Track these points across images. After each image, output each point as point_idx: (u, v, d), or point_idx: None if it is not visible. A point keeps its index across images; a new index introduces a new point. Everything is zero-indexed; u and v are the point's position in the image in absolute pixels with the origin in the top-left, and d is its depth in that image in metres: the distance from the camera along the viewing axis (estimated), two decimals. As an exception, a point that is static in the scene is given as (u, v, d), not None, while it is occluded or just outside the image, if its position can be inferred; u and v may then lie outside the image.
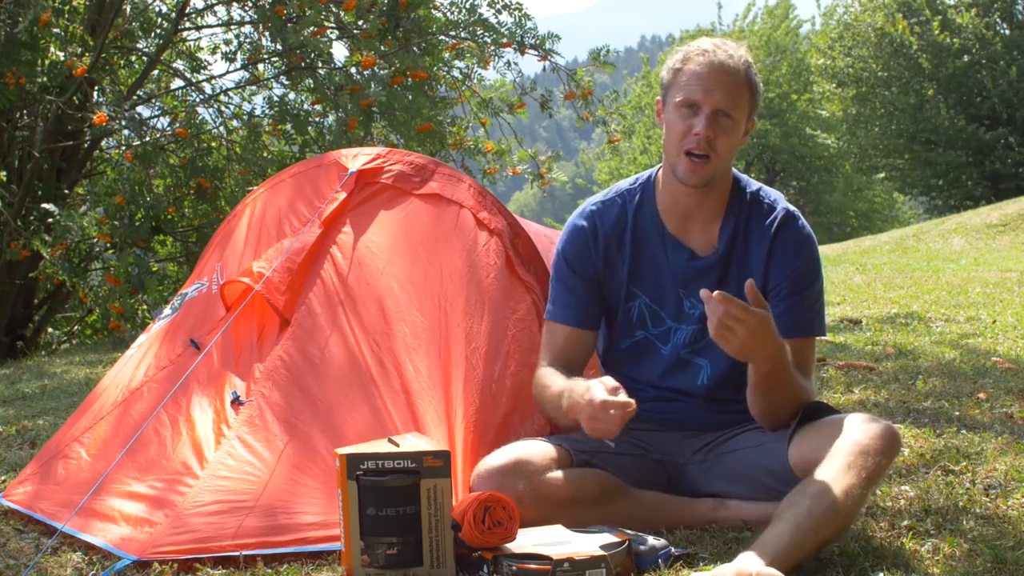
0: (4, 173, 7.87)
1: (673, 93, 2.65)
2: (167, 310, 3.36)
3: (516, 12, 7.98)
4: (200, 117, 8.78)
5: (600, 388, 2.43)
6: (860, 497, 2.32)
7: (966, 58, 22.20)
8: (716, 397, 2.74)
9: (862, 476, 2.32)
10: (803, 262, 2.69)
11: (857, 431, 2.40)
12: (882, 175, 26.16)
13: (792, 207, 2.74)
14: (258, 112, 8.81)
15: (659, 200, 2.75)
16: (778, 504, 2.33)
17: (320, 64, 8.07)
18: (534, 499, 2.50)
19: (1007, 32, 22.86)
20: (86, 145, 8.90)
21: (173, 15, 8.72)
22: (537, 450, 2.60)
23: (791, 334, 2.62)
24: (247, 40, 8.79)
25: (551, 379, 2.68)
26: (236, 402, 2.80)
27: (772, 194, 2.76)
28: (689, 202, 2.70)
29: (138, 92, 8.93)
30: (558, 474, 2.57)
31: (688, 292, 2.71)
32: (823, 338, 5.21)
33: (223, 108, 9.18)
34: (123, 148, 7.55)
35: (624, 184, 2.83)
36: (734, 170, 2.75)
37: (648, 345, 2.77)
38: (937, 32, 22.30)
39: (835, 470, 2.32)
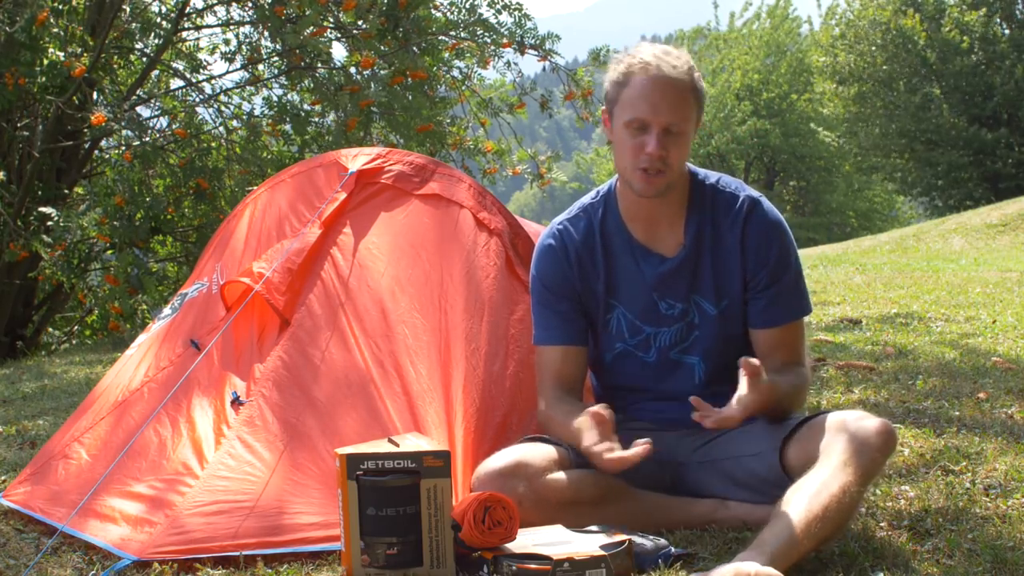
0: (4, 173, 7.87)
1: (620, 110, 2.61)
2: (167, 310, 3.36)
3: (516, 12, 7.98)
4: (199, 117, 8.78)
5: (591, 437, 2.45)
6: (857, 494, 2.32)
7: (973, 57, 22.22)
8: (715, 392, 2.73)
9: (859, 473, 2.32)
10: (777, 249, 2.68)
11: (852, 428, 2.39)
12: (882, 176, 26.16)
13: (755, 192, 2.72)
14: (257, 112, 8.82)
15: (622, 209, 2.74)
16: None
17: (320, 64, 8.08)
18: (534, 501, 2.50)
19: (1007, 32, 22.89)
20: (86, 145, 8.90)
21: (173, 15, 8.73)
22: (537, 452, 2.59)
23: (780, 322, 2.67)
24: (246, 40, 8.79)
25: (559, 431, 2.66)
26: (236, 402, 2.80)
27: (732, 183, 2.74)
28: (650, 207, 2.69)
29: (138, 92, 8.93)
30: (558, 476, 2.57)
31: (662, 295, 2.71)
32: (823, 338, 5.23)
33: (223, 108, 9.19)
34: (123, 148, 7.54)
35: (586, 199, 2.82)
36: (689, 165, 2.74)
37: (629, 356, 2.76)
38: (947, 29, 22.30)
39: (831, 468, 2.32)
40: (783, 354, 2.69)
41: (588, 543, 2.31)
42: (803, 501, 2.26)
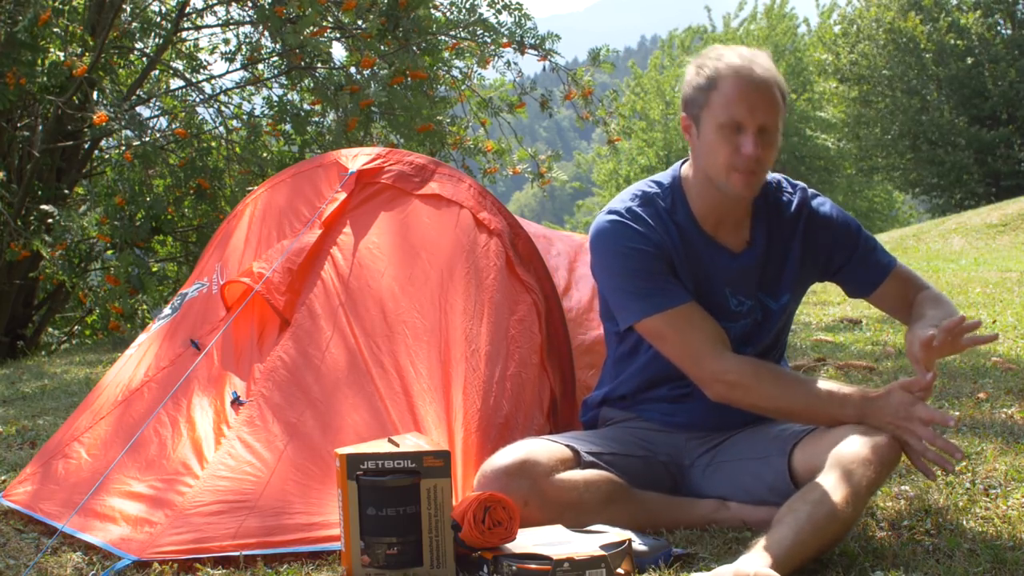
0: (4, 173, 7.87)
1: (710, 114, 2.59)
2: (167, 310, 3.36)
3: (516, 12, 7.99)
4: (200, 117, 8.79)
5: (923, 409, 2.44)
6: (859, 504, 2.32)
7: (970, 60, 22.24)
8: None
9: (862, 484, 2.32)
10: (834, 222, 2.75)
11: (858, 440, 2.40)
12: (882, 176, 26.16)
13: (799, 184, 2.81)
14: (257, 112, 8.82)
15: (692, 204, 2.70)
16: (779, 509, 2.33)
17: (320, 64, 8.08)
18: (540, 501, 2.49)
19: (1008, 32, 22.91)
20: (86, 145, 8.90)
21: (173, 15, 8.73)
22: (544, 450, 2.58)
23: (883, 277, 2.74)
24: (246, 40, 8.80)
25: (781, 371, 2.63)
26: (236, 402, 2.80)
27: (783, 180, 2.81)
28: (724, 206, 2.68)
29: (137, 92, 8.94)
30: (564, 476, 2.55)
31: (735, 290, 2.70)
32: (823, 338, 5.23)
33: (223, 108, 9.19)
34: (123, 148, 7.55)
35: (645, 188, 2.75)
36: None
37: None
38: (944, 32, 22.33)
39: (835, 477, 2.32)
40: (908, 292, 2.75)
41: (588, 543, 2.31)
42: (807, 508, 2.26)
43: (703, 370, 2.60)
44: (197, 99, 9.13)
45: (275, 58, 8.60)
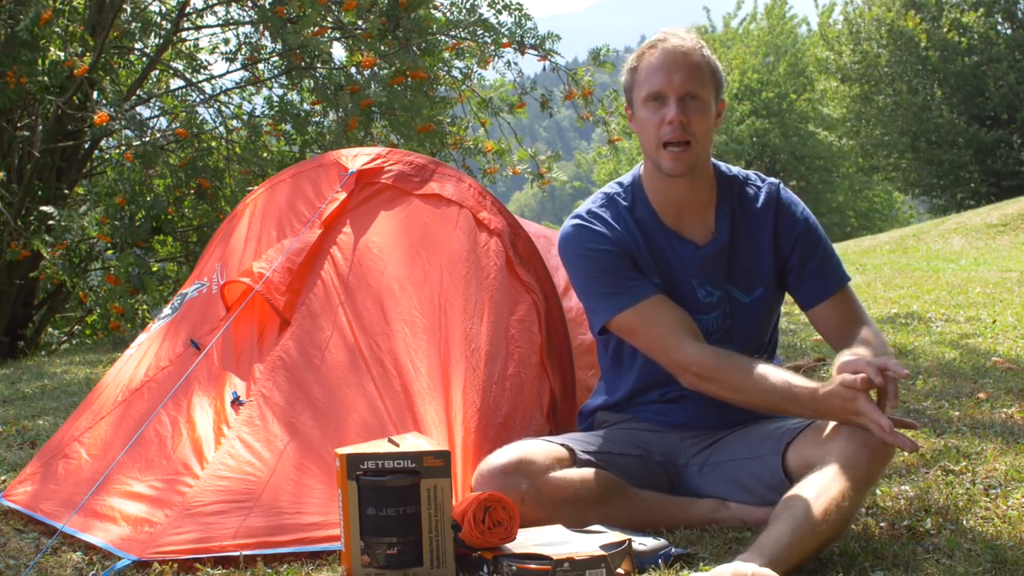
0: (4, 173, 7.87)
1: (637, 91, 2.66)
2: (167, 310, 3.36)
3: (516, 12, 7.99)
4: (200, 117, 8.78)
5: (871, 408, 2.37)
6: (856, 500, 2.33)
7: (974, 58, 22.24)
8: None
9: (857, 479, 2.33)
10: (803, 221, 2.74)
11: (852, 435, 2.40)
12: (882, 176, 26.15)
13: (771, 179, 2.80)
14: (258, 112, 8.82)
15: (651, 197, 2.74)
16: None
17: (320, 64, 8.08)
18: (537, 499, 2.50)
19: (1008, 32, 22.90)
20: (86, 145, 8.90)
21: (173, 15, 8.73)
22: (540, 449, 2.59)
23: (834, 290, 2.70)
24: (247, 40, 8.80)
25: (742, 362, 2.55)
26: (236, 402, 2.80)
27: (751, 174, 2.80)
28: (681, 194, 2.71)
29: (137, 92, 8.93)
30: (561, 474, 2.56)
31: (702, 281, 2.71)
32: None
33: (223, 108, 9.19)
34: (123, 148, 7.55)
35: (607, 189, 2.80)
36: (712, 160, 2.77)
37: None
38: (946, 30, 22.33)
39: (831, 473, 2.33)
40: (850, 321, 2.69)
41: (588, 543, 2.31)
42: (803, 505, 2.26)
43: (672, 361, 2.63)
44: (197, 99, 9.13)
45: (275, 58, 8.60)
